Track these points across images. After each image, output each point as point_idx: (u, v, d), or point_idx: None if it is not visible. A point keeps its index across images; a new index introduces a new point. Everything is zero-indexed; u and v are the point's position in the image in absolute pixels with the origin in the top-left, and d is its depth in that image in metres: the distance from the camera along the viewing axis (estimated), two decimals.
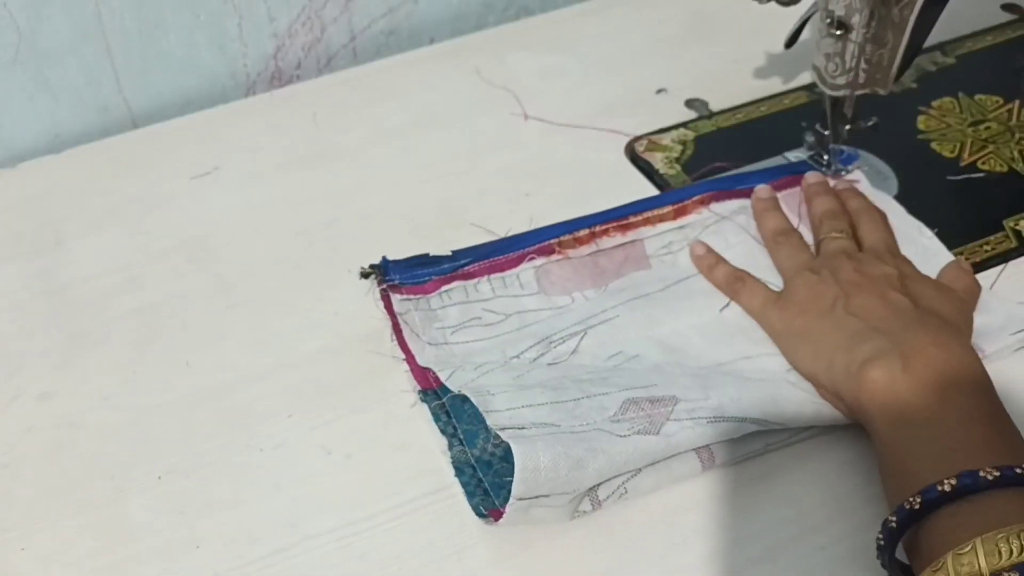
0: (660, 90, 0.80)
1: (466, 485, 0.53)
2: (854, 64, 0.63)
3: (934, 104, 0.77)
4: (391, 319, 0.60)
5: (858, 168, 0.69)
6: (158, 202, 0.72)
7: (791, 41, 0.68)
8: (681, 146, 0.75)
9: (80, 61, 0.78)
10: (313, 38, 0.86)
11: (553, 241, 0.64)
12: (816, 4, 0.63)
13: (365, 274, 0.62)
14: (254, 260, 0.67)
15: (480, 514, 0.51)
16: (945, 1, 0.62)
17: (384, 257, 0.62)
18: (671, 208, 0.66)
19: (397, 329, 0.60)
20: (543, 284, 0.62)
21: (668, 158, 0.74)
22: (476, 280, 0.62)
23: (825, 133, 0.68)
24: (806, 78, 0.79)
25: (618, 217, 0.65)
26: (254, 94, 0.86)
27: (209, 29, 0.81)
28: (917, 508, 0.45)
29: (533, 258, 0.63)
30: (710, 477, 0.54)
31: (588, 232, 0.64)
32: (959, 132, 0.75)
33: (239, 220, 0.70)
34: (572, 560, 0.51)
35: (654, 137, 0.75)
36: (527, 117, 0.78)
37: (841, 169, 0.69)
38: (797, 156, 0.72)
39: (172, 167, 0.75)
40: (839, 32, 0.62)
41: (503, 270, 0.63)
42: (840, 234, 0.62)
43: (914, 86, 0.79)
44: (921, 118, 0.76)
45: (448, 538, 0.52)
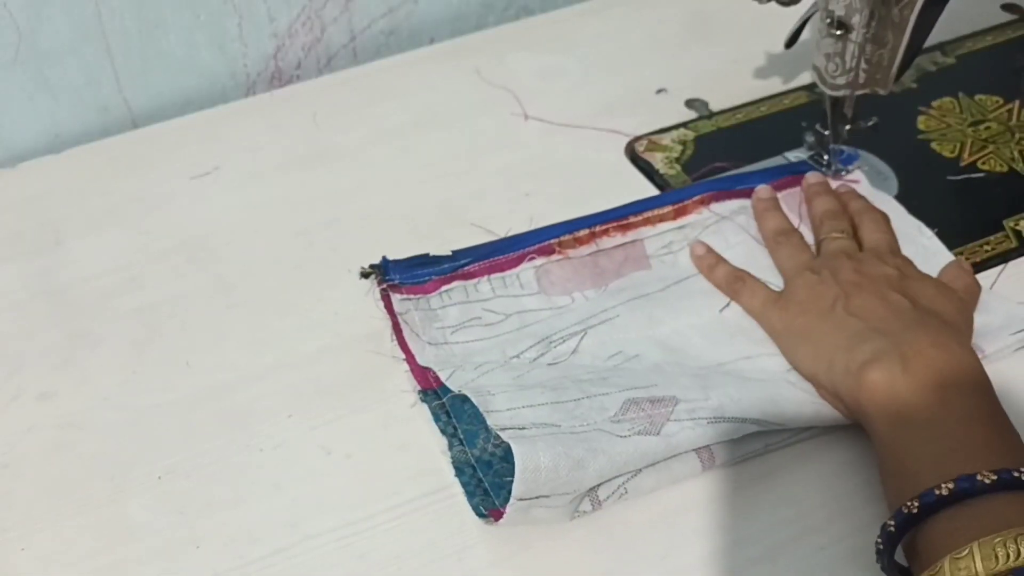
0: (660, 90, 0.80)
1: (466, 485, 0.53)
2: (854, 64, 0.63)
3: (934, 104, 0.77)
4: (391, 319, 0.60)
5: (858, 168, 0.69)
6: (158, 202, 0.72)
7: (791, 41, 0.68)
8: (681, 146, 0.75)
9: (80, 61, 0.78)
10: (313, 38, 0.86)
11: (553, 241, 0.64)
12: (816, 4, 0.63)
13: (365, 274, 0.62)
14: (254, 260, 0.67)
15: (480, 514, 0.51)
16: (945, 1, 0.62)
17: (384, 257, 0.62)
18: (671, 208, 0.66)
19: (397, 329, 0.60)
20: (543, 284, 0.62)
21: (668, 158, 0.73)
22: (476, 280, 0.62)
23: (825, 133, 0.68)
24: (806, 78, 0.79)
25: (618, 217, 0.65)
26: (254, 94, 0.85)
27: (209, 29, 0.81)
28: (915, 512, 0.45)
29: (533, 258, 0.63)
30: (710, 477, 0.54)
31: (588, 232, 0.64)
32: (959, 132, 0.75)
33: (239, 220, 0.70)
34: (572, 560, 0.51)
35: (654, 137, 0.75)
36: (527, 117, 0.78)
37: (841, 169, 0.69)
38: (797, 156, 0.72)
39: (172, 167, 0.75)
40: (839, 32, 0.62)
41: (503, 270, 0.63)
42: (841, 234, 0.62)
43: (914, 86, 0.79)
44: (921, 118, 0.76)
45: (448, 538, 0.52)
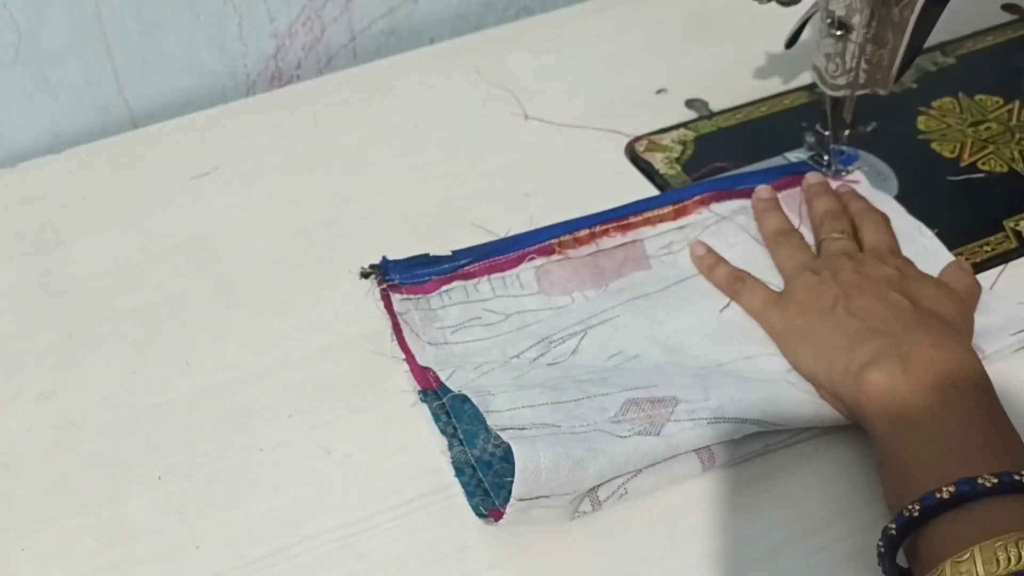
0: (660, 90, 0.80)
1: (466, 485, 0.53)
2: (854, 64, 0.63)
3: (934, 104, 0.77)
4: (391, 319, 0.60)
5: (858, 168, 0.69)
6: (158, 202, 0.72)
7: (791, 41, 0.68)
8: (681, 146, 0.75)
9: (80, 61, 0.78)
10: (313, 38, 0.86)
11: (553, 241, 0.64)
12: (816, 4, 0.63)
13: (365, 274, 0.62)
14: (254, 260, 0.67)
15: (480, 514, 0.51)
16: (945, 1, 0.62)
17: (384, 257, 0.62)
18: (671, 208, 0.66)
19: (397, 329, 0.60)
20: (543, 284, 0.62)
21: (668, 158, 0.73)
22: (476, 280, 0.62)
23: (825, 133, 0.68)
24: (806, 78, 0.79)
25: (618, 217, 0.65)
26: (254, 94, 0.85)
27: (209, 29, 0.81)
28: (916, 516, 0.45)
29: (533, 258, 0.63)
30: (710, 477, 0.54)
31: (588, 232, 0.64)
32: (959, 132, 0.75)
33: (239, 220, 0.70)
34: (572, 561, 0.51)
35: (654, 137, 0.75)
36: (527, 117, 0.78)
37: (841, 170, 0.69)
38: (797, 156, 0.72)
39: (172, 167, 0.75)
40: (839, 32, 0.62)
41: (503, 270, 0.63)
42: (841, 234, 0.62)
43: (914, 86, 0.79)
44: (921, 118, 0.76)
45: (448, 538, 0.52)
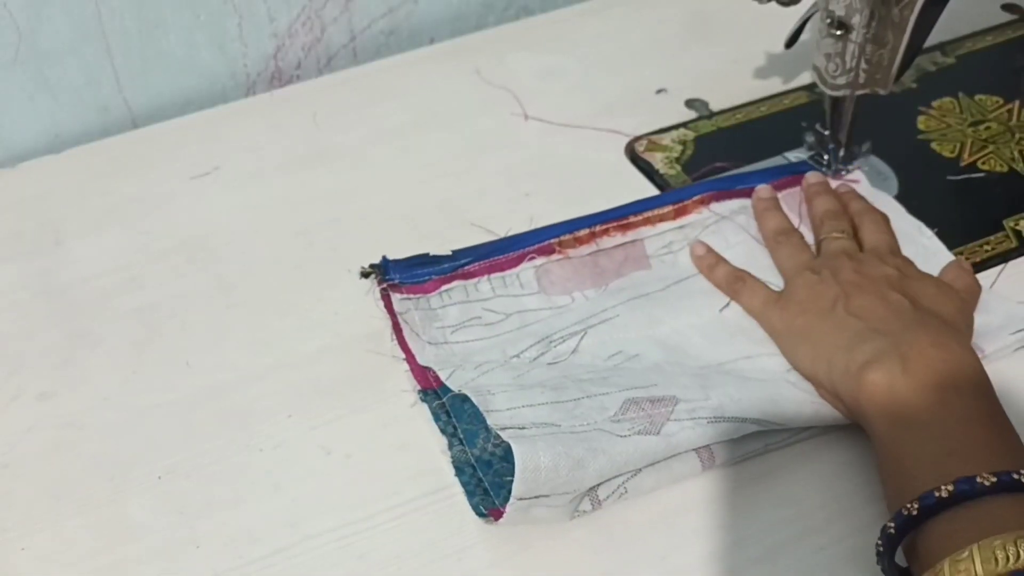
0: (660, 90, 0.80)
1: (466, 485, 0.53)
2: (854, 64, 0.63)
3: (934, 104, 0.77)
4: (391, 319, 0.60)
5: (858, 168, 0.69)
6: (158, 202, 0.72)
7: (791, 41, 0.68)
8: (681, 146, 0.75)
9: (80, 61, 0.78)
10: (313, 38, 0.86)
11: (553, 241, 0.64)
12: (816, 4, 0.63)
13: (365, 274, 0.62)
14: (254, 260, 0.67)
15: (480, 513, 0.51)
16: (945, 1, 0.62)
17: (384, 257, 0.62)
18: (671, 208, 0.66)
19: (397, 328, 0.60)
20: (543, 284, 0.62)
21: (668, 158, 0.73)
22: (476, 280, 0.62)
23: (825, 133, 0.68)
24: (806, 78, 0.79)
25: (618, 217, 0.65)
26: (254, 94, 0.85)
27: (209, 29, 0.81)
28: (915, 514, 0.45)
29: (533, 258, 0.63)
30: (710, 477, 0.54)
31: (588, 232, 0.64)
32: (959, 132, 0.75)
33: (239, 220, 0.70)
34: (572, 560, 0.51)
35: (654, 137, 0.75)
36: (527, 117, 0.78)
37: (841, 169, 0.69)
38: (797, 156, 0.72)
39: (172, 167, 0.75)
40: (839, 32, 0.62)
41: (503, 270, 0.63)
42: (841, 234, 0.62)
43: (914, 86, 0.79)
44: (921, 118, 0.76)
45: (448, 538, 0.52)
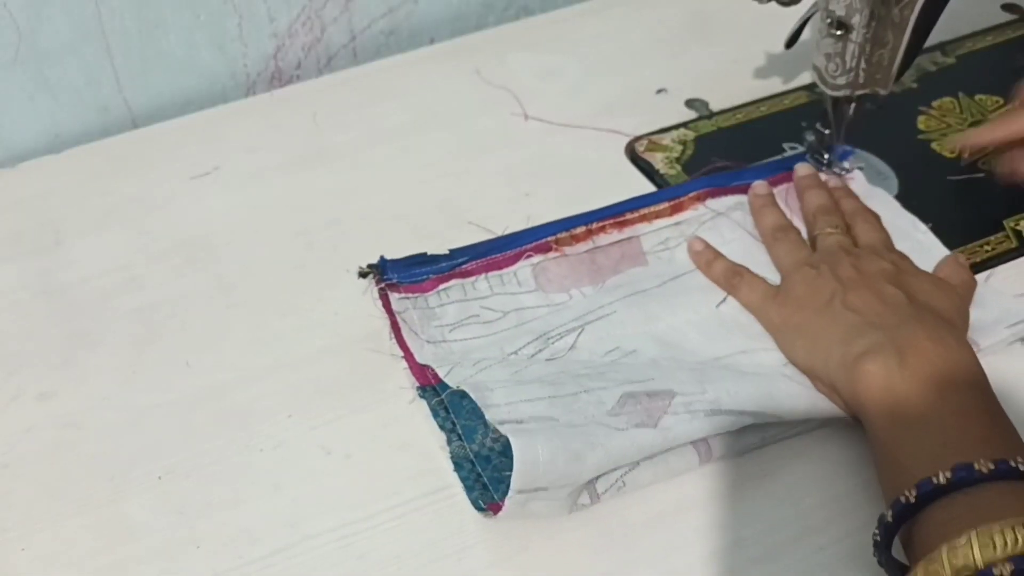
0: (660, 90, 0.80)
1: (465, 480, 0.53)
2: (854, 64, 0.63)
3: (934, 104, 0.77)
4: (389, 318, 0.60)
5: (857, 168, 0.69)
6: (158, 202, 0.72)
7: (791, 41, 0.68)
8: (681, 146, 0.75)
9: (80, 61, 0.78)
10: (313, 38, 0.86)
11: (550, 239, 0.64)
12: (816, 4, 0.63)
13: (363, 273, 0.62)
14: (254, 260, 0.67)
15: (479, 508, 0.51)
16: (945, 1, 0.62)
17: (382, 256, 0.62)
18: (667, 205, 0.66)
19: (395, 327, 0.60)
20: (541, 281, 0.62)
21: (668, 158, 0.73)
22: (474, 278, 0.62)
23: (826, 133, 0.68)
24: (806, 78, 0.79)
25: (615, 214, 0.65)
26: (254, 94, 0.85)
27: (209, 29, 0.81)
28: (913, 502, 0.45)
29: (530, 256, 0.63)
30: (710, 477, 0.54)
31: (585, 229, 0.64)
32: (959, 132, 0.75)
33: (239, 220, 0.70)
34: (572, 560, 0.51)
35: (654, 137, 0.75)
36: (527, 117, 0.78)
37: (837, 164, 0.69)
38: (794, 147, 0.72)
39: (172, 167, 0.75)
40: (839, 32, 0.62)
41: (500, 268, 0.63)
42: (835, 229, 0.62)
43: (914, 86, 0.79)
44: (921, 118, 0.76)
45: (448, 538, 0.52)
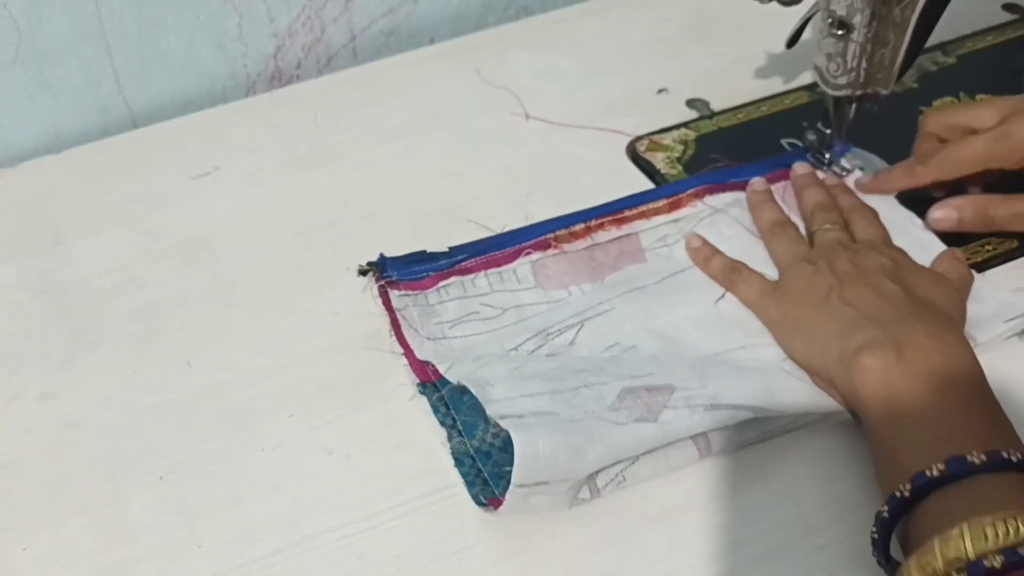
0: (661, 90, 0.80)
1: (465, 475, 0.53)
2: (855, 64, 0.63)
3: (935, 104, 0.77)
4: (389, 315, 0.60)
5: (858, 168, 0.69)
6: (158, 202, 0.72)
7: (792, 41, 0.68)
8: (682, 146, 0.74)
9: (80, 61, 0.78)
10: (313, 38, 0.86)
11: (549, 236, 0.64)
12: (817, 4, 0.63)
13: (363, 271, 0.62)
14: (254, 260, 0.67)
15: (480, 503, 0.51)
16: (947, 1, 0.62)
17: (381, 254, 0.62)
18: (665, 201, 0.67)
19: (395, 325, 0.60)
20: (540, 278, 0.62)
21: (669, 158, 0.73)
22: (473, 275, 0.62)
23: (827, 132, 0.68)
24: (807, 78, 0.79)
25: (613, 211, 0.66)
26: (254, 94, 0.85)
27: (209, 29, 0.81)
28: (908, 496, 0.45)
29: (529, 253, 0.63)
30: (711, 477, 0.54)
31: (584, 226, 0.64)
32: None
33: (239, 220, 0.70)
34: (572, 560, 0.51)
35: (655, 137, 0.75)
36: (527, 117, 0.78)
37: (837, 164, 0.69)
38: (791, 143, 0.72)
39: (172, 167, 0.75)
40: (840, 32, 0.62)
41: (500, 265, 0.63)
42: (833, 225, 0.62)
43: (915, 86, 0.79)
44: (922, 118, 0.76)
45: (448, 538, 0.52)
